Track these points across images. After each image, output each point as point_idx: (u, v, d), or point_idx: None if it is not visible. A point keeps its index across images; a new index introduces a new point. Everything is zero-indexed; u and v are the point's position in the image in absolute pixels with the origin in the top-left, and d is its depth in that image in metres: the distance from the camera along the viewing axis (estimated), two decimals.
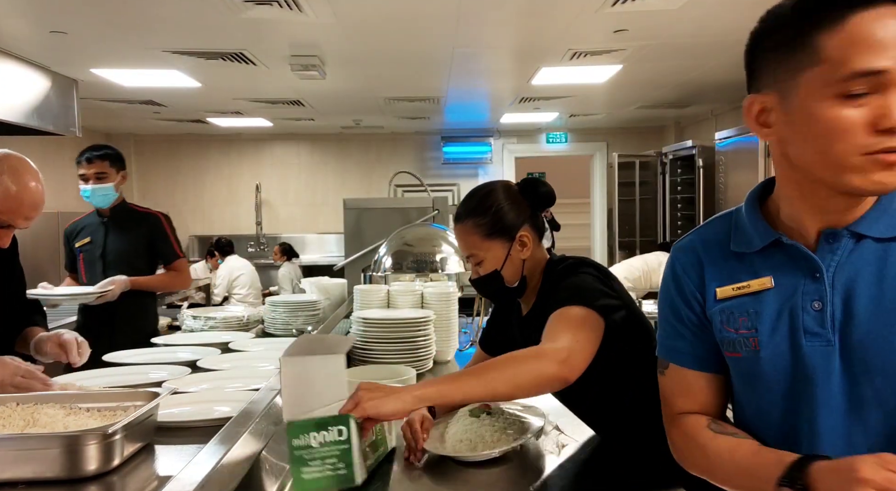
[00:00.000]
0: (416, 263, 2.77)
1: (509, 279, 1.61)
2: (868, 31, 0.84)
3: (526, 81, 6.04)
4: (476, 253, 1.62)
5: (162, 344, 2.62)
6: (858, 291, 0.95)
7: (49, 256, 5.64)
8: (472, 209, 1.62)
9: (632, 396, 1.53)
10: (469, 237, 1.62)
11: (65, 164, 8.00)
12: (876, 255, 0.95)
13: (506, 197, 1.61)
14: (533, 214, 1.63)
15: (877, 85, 0.85)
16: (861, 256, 0.96)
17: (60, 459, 1.23)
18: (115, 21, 4.04)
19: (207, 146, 9.28)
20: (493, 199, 1.61)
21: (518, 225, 1.60)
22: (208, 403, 1.69)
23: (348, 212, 3.56)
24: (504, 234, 1.59)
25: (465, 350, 2.68)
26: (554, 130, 9.39)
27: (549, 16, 4.12)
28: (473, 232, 1.61)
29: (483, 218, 1.60)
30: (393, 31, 4.40)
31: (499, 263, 1.60)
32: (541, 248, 1.65)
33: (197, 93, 6.15)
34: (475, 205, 1.63)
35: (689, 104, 7.35)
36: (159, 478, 1.32)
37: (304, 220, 9.40)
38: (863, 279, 0.95)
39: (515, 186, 1.65)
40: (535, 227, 1.63)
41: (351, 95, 6.55)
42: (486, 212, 1.60)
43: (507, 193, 1.62)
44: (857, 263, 0.96)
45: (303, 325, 2.79)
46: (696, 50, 4.96)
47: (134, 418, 1.32)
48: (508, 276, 1.61)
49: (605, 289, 1.49)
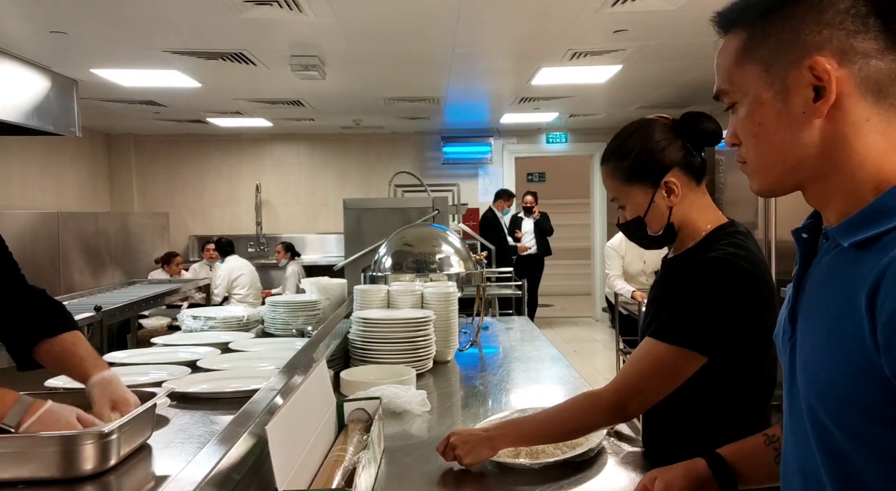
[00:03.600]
0: (416, 263, 2.77)
1: (653, 227, 1.49)
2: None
3: (526, 81, 6.04)
4: (618, 197, 1.52)
5: (162, 344, 2.62)
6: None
7: (49, 256, 5.64)
8: (615, 150, 1.51)
9: (680, 421, 1.43)
10: (611, 180, 1.52)
11: (65, 165, 8.01)
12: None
13: (654, 137, 1.46)
14: (687, 156, 1.46)
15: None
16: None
17: (56, 460, 1.24)
18: (115, 21, 4.04)
19: (207, 146, 9.28)
20: (638, 140, 1.47)
21: (665, 169, 1.44)
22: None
23: (348, 212, 3.56)
24: (647, 180, 1.45)
25: (466, 350, 2.68)
26: (554, 130, 9.39)
27: (549, 16, 4.12)
28: (614, 175, 1.50)
29: (624, 161, 1.47)
30: (393, 32, 4.41)
31: (641, 209, 1.48)
32: (700, 193, 1.48)
33: (197, 93, 6.15)
34: (618, 146, 1.50)
35: (689, 104, 7.35)
36: (157, 478, 1.32)
37: (304, 221, 9.40)
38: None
39: (671, 123, 1.50)
40: (690, 170, 1.46)
41: (351, 95, 6.55)
42: (628, 154, 1.47)
43: (659, 132, 1.47)
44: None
45: (303, 325, 2.79)
46: (696, 50, 4.95)
47: (129, 419, 1.32)
48: (652, 223, 1.48)
49: (718, 312, 1.33)
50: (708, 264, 1.36)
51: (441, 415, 1.88)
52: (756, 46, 0.85)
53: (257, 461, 1.23)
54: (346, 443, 1.35)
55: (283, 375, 1.67)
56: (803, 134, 0.83)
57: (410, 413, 1.84)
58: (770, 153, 0.86)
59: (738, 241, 1.41)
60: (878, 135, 0.80)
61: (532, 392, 2.14)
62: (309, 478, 1.19)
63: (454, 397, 2.12)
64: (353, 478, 1.17)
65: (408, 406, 1.84)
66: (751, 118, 0.86)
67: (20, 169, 7.06)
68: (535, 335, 3.06)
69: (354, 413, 1.49)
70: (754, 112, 0.86)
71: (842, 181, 0.83)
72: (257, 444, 1.24)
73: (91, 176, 8.63)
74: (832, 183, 0.83)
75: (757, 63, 0.85)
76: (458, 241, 2.92)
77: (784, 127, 0.84)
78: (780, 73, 0.83)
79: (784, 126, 0.84)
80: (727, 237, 1.42)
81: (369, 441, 1.33)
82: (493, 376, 2.33)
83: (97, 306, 3.97)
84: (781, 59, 0.83)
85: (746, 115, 0.87)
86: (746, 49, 0.86)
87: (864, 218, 0.79)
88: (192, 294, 6.26)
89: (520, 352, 2.71)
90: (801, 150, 0.84)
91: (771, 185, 0.89)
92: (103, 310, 3.98)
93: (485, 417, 1.83)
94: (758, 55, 0.85)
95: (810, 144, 0.83)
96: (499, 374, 2.36)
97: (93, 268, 6.32)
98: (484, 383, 2.25)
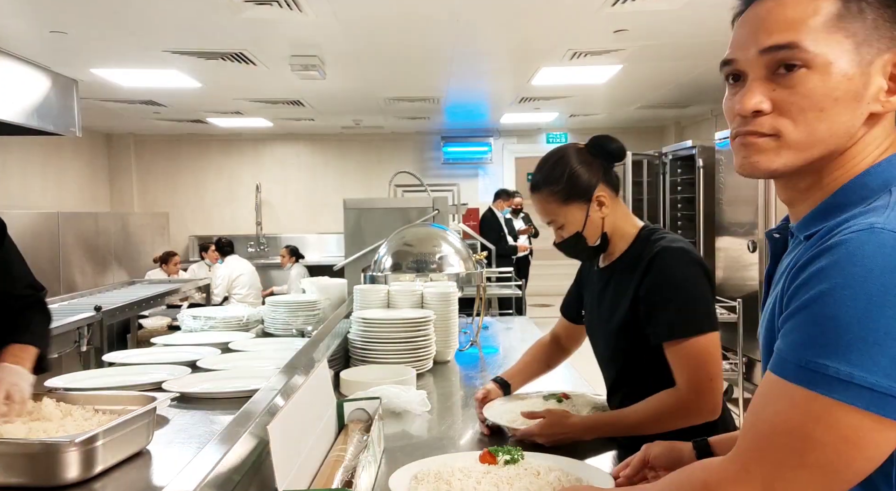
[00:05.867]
0: (416, 262, 2.77)
1: (591, 238, 1.65)
2: (737, 28, 0.90)
3: (526, 81, 6.04)
4: (556, 219, 1.66)
5: (162, 344, 2.62)
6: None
7: (49, 256, 5.64)
8: (546, 177, 1.66)
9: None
10: (547, 205, 1.66)
11: (65, 165, 8.01)
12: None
13: (577, 160, 1.64)
14: (606, 172, 1.65)
15: (736, 73, 0.88)
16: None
17: (34, 467, 1.24)
18: (115, 21, 4.04)
19: (207, 146, 9.28)
20: (565, 165, 1.64)
21: (593, 186, 1.62)
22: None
23: (348, 212, 3.56)
24: (581, 197, 1.62)
25: (466, 350, 2.68)
26: (554, 130, 9.39)
27: (549, 16, 4.12)
28: (551, 200, 1.65)
29: (557, 185, 1.63)
30: (393, 31, 4.41)
31: (579, 225, 1.64)
32: (619, 202, 1.67)
33: (197, 93, 6.15)
34: (548, 173, 1.66)
35: (689, 104, 7.35)
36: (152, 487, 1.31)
37: (304, 221, 9.40)
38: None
39: (584, 147, 1.67)
40: (610, 184, 1.65)
41: (351, 95, 6.55)
42: (560, 178, 1.63)
43: (578, 156, 1.65)
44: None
45: (303, 325, 2.79)
46: (696, 50, 4.96)
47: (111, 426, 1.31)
48: (590, 235, 1.65)
49: (708, 291, 1.52)
50: (659, 256, 1.53)
51: (441, 415, 1.87)
52: (852, 19, 0.81)
53: (257, 461, 1.23)
54: (347, 443, 1.34)
55: (283, 375, 1.67)
56: (857, 121, 0.82)
57: (410, 413, 1.84)
58: (823, 131, 0.82)
59: (665, 233, 1.60)
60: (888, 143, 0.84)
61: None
62: (309, 478, 1.18)
63: (454, 397, 2.11)
64: (353, 478, 1.17)
65: (408, 406, 1.84)
66: (828, 90, 0.81)
67: (20, 169, 7.06)
68: (535, 335, 3.05)
69: (354, 413, 1.49)
70: (835, 85, 0.81)
71: (830, 178, 0.85)
72: (257, 444, 1.24)
73: (91, 176, 8.63)
74: (825, 176, 0.85)
75: (849, 36, 0.81)
76: (458, 241, 2.91)
77: (852, 109, 0.82)
78: (867, 55, 0.81)
79: (852, 108, 0.82)
80: (659, 232, 1.61)
81: (369, 441, 1.33)
82: (493, 376, 2.33)
83: (97, 306, 3.96)
84: (873, 41, 0.81)
85: (821, 84, 0.81)
86: (841, 18, 0.81)
87: (820, 213, 0.84)
88: (192, 294, 6.25)
89: (520, 352, 2.68)
90: (847, 136, 0.83)
91: (800, 162, 0.84)
92: (103, 310, 3.98)
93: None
94: (852, 28, 0.81)
95: (854, 133, 0.83)
96: (499, 374, 2.36)
97: (93, 268, 6.32)
98: (484, 383, 2.25)
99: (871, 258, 0.72)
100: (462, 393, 2.16)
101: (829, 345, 0.73)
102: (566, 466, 1.33)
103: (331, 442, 1.38)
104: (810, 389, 0.74)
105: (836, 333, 0.72)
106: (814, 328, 0.74)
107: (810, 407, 0.74)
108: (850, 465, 0.74)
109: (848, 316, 0.72)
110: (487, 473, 1.27)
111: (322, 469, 1.24)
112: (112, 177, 9.14)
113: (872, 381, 0.71)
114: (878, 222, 0.75)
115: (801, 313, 0.76)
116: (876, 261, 0.72)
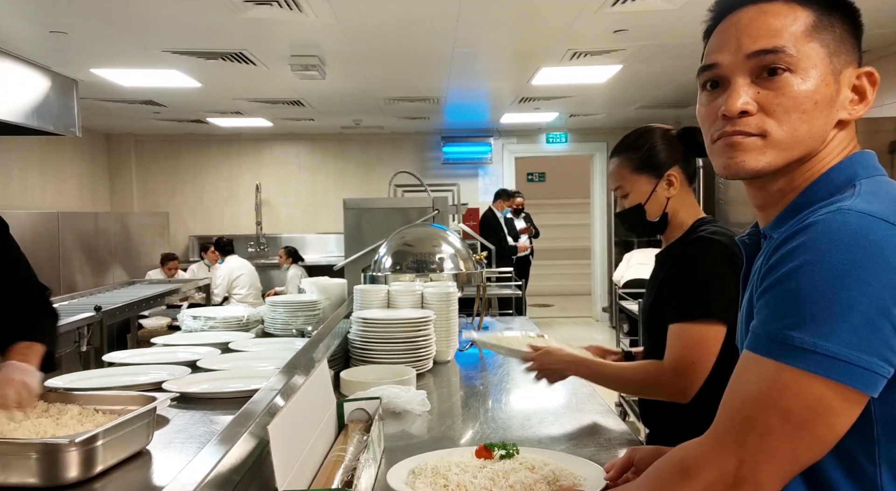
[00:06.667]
0: (416, 262, 2.77)
1: (651, 214, 1.68)
2: (714, 37, 0.95)
3: (526, 81, 6.04)
4: (623, 185, 1.70)
5: (162, 344, 2.62)
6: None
7: (49, 256, 5.64)
8: (627, 145, 1.71)
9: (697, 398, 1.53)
10: (619, 170, 1.70)
11: (65, 164, 8.00)
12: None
13: (661, 138, 1.68)
14: (686, 159, 1.68)
15: (718, 78, 0.92)
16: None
17: (34, 467, 1.23)
18: (115, 21, 4.04)
19: (207, 146, 9.28)
20: (649, 138, 1.68)
21: (668, 164, 1.66)
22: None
23: (348, 212, 3.55)
24: (653, 171, 1.66)
25: (466, 350, 2.68)
26: (554, 130, 9.38)
27: (549, 16, 4.12)
28: (624, 166, 1.69)
29: (635, 153, 1.68)
30: (393, 31, 4.40)
31: (643, 197, 1.67)
32: (689, 192, 1.70)
33: (197, 93, 6.15)
34: (630, 141, 1.71)
35: (689, 104, 7.34)
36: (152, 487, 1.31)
37: (304, 221, 9.40)
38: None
39: (673, 132, 1.71)
40: (686, 170, 1.68)
41: (351, 95, 6.55)
42: (639, 148, 1.67)
43: (664, 136, 1.68)
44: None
45: (303, 325, 2.79)
46: (696, 50, 4.93)
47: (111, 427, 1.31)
48: (651, 210, 1.68)
49: (731, 284, 1.46)
50: (693, 243, 1.60)
51: (441, 415, 1.88)
52: (824, 29, 0.88)
53: (257, 461, 1.23)
54: (347, 443, 1.35)
55: (283, 375, 1.66)
56: (830, 125, 0.89)
57: (410, 413, 1.84)
58: (804, 132, 0.87)
59: (716, 226, 1.64)
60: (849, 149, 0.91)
61: (532, 392, 2.14)
62: (309, 478, 1.19)
63: (454, 397, 2.11)
64: (353, 478, 1.17)
65: (408, 406, 1.84)
66: (809, 93, 0.87)
67: (20, 169, 7.06)
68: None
69: (354, 413, 1.49)
70: (817, 89, 0.87)
71: (802, 179, 0.90)
72: (257, 444, 1.24)
73: (91, 176, 8.63)
74: (796, 177, 0.90)
75: (823, 45, 0.87)
76: (458, 241, 2.91)
77: (826, 113, 0.88)
78: (838, 65, 0.88)
79: (826, 113, 0.88)
80: (707, 224, 1.66)
81: (369, 441, 1.33)
82: (493, 376, 2.33)
83: (97, 306, 3.96)
84: (841, 54, 0.88)
85: (807, 88, 0.87)
86: (815, 29, 0.87)
87: (790, 212, 0.89)
88: (192, 294, 6.25)
89: None
90: (821, 139, 0.89)
91: (782, 161, 0.89)
92: (103, 310, 3.97)
93: (485, 416, 1.84)
94: (825, 39, 0.87)
95: (826, 136, 0.89)
96: (499, 374, 2.36)
97: (93, 268, 6.32)
98: (484, 383, 2.25)
99: (838, 234, 0.77)
100: (462, 393, 2.16)
101: (797, 317, 0.77)
102: (561, 460, 1.36)
103: (331, 442, 1.38)
104: (778, 361, 0.78)
105: (803, 305, 0.77)
106: (783, 302, 0.79)
107: (778, 377, 0.78)
108: (814, 432, 0.77)
109: (814, 289, 0.76)
110: (483, 468, 1.29)
111: (322, 469, 1.24)
112: (112, 177, 9.14)
113: (835, 350, 0.75)
114: (845, 205, 0.81)
115: (772, 290, 0.81)
116: (842, 237, 0.77)
